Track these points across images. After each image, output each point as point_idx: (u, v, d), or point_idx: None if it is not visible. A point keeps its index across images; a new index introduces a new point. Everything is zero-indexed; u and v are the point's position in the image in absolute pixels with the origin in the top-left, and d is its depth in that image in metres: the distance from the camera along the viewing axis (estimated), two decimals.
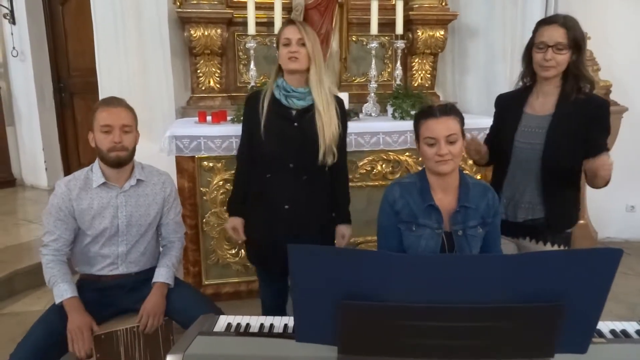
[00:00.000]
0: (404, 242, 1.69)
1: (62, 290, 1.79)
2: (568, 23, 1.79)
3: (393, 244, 1.70)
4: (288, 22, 2.01)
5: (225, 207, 2.78)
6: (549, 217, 1.89)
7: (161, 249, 2.07)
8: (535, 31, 1.86)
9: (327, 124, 1.94)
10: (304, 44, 1.91)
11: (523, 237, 1.98)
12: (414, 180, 1.71)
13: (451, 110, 1.63)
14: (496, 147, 2.00)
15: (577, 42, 1.79)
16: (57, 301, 1.78)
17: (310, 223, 2.03)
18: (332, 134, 1.95)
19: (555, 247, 1.93)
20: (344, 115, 2.06)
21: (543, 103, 1.89)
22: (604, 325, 1.41)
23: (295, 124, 1.96)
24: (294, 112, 1.97)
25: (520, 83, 1.98)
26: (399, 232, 1.69)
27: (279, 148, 1.96)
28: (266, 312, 2.24)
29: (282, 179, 1.98)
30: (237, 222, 2.10)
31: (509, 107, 1.98)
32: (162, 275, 1.94)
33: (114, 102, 1.88)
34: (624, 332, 1.38)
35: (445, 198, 1.67)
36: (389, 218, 1.70)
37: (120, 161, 1.86)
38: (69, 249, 1.90)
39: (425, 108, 1.70)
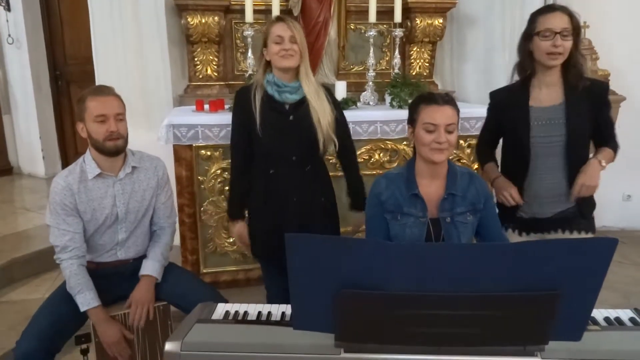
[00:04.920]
0: (390, 231, 1.70)
1: (89, 299, 1.78)
2: (568, 10, 1.79)
3: (379, 235, 1.72)
4: (277, 19, 2.01)
5: (222, 196, 2.79)
6: (580, 204, 1.89)
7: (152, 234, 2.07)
8: (532, 21, 1.83)
9: (321, 114, 1.96)
10: (295, 41, 1.91)
11: (554, 230, 1.95)
12: (401, 171, 1.73)
13: (452, 101, 1.64)
14: (510, 147, 1.98)
15: (577, 29, 1.80)
16: (83, 309, 1.78)
17: (317, 211, 2.06)
18: (328, 122, 1.97)
19: (583, 234, 1.94)
20: (335, 100, 2.08)
21: (548, 94, 1.87)
22: (598, 313, 1.42)
23: (291, 117, 1.97)
24: (287, 106, 1.98)
25: (516, 76, 1.94)
26: (385, 224, 1.71)
27: (279, 143, 1.96)
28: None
29: (287, 172, 1.99)
30: (240, 228, 2.09)
31: (510, 104, 1.93)
32: (148, 268, 1.94)
33: (104, 90, 1.85)
34: (618, 320, 1.39)
35: (432, 185, 1.68)
36: (375, 209, 1.72)
37: (118, 149, 1.85)
38: (85, 246, 1.87)
39: (426, 94, 1.70)
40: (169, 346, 1.22)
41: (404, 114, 2.88)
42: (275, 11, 2.91)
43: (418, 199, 1.66)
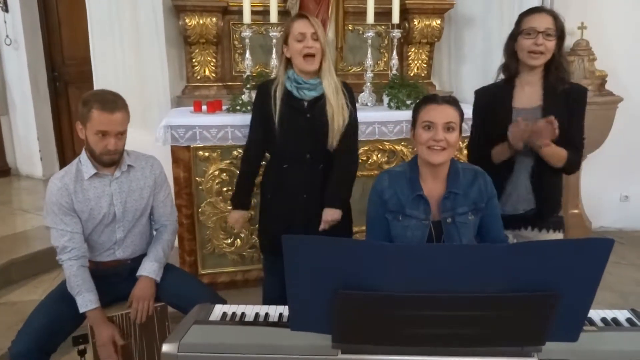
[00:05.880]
0: (391, 232, 1.68)
1: (87, 301, 1.78)
2: (554, 13, 1.84)
3: (380, 235, 1.70)
4: (299, 15, 2.02)
5: (221, 197, 2.79)
6: (540, 205, 1.92)
7: (154, 232, 2.08)
8: (519, 22, 1.88)
9: (337, 112, 1.96)
10: (317, 39, 1.91)
11: (525, 227, 1.99)
12: (403, 169, 1.70)
13: (453, 101, 1.64)
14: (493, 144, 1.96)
15: (562, 32, 1.83)
16: (82, 310, 1.78)
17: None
18: (340, 122, 1.97)
19: (552, 232, 1.96)
20: (353, 101, 2.08)
21: (529, 95, 1.90)
22: (595, 314, 1.42)
23: (308, 115, 1.98)
24: (305, 104, 1.99)
25: (502, 76, 1.97)
26: (386, 222, 1.68)
27: (294, 140, 1.98)
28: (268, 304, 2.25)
29: (299, 169, 2.01)
30: (240, 215, 2.14)
31: (494, 102, 1.95)
32: (147, 269, 1.93)
33: (111, 105, 1.78)
34: (615, 320, 1.40)
35: (435, 186, 1.65)
36: (377, 208, 1.69)
37: (113, 162, 1.87)
38: (85, 246, 1.86)
39: (428, 95, 1.72)
40: (166, 347, 1.22)
41: (402, 115, 2.94)
42: (273, 12, 2.90)
43: (422, 200, 1.63)
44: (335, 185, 2.07)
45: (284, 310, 1.45)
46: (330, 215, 2.06)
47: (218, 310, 1.44)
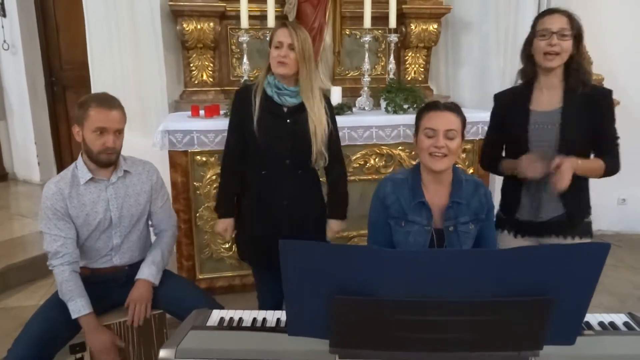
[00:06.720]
0: (393, 237, 1.69)
1: (79, 306, 1.77)
2: (568, 12, 1.80)
3: (382, 240, 1.71)
4: (281, 24, 2.01)
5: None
6: (569, 211, 1.88)
7: (153, 237, 2.08)
8: (533, 26, 1.84)
9: (319, 128, 1.96)
10: (293, 49, 1.91)
11: (549, 235, 1.93)
12: (406, 176, 1.72)
13: (455, 108, 1.66)
14: (511, 150, 1.94)
15: (579, 32, 1.80)
16: (74, 316, 1.76)
17: (309, 215, 2.06)
18: (322, 137, 1.97)
19: (584, 239, 1.92)
20: (333, 115, 2.08)
21: (549, 97, 1.86)
22: (592, 318, 1.42)
23: (288, 120, 1.97)
24: (285, 110, 1.98)
25: (520, 81, 1.94)
26: (388, 228, 1.70)
27: (273, 145, 1.97)
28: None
29: (279, 175, 1.99)
30: (228, 223, 2.10)
31: (512, 105, 1.92)
32: (145, 272, 1.92)
33: (109, 102, 1.81)
34: (612, 324, 1.40)
35: (437, 194, 1.67)
36: (379, 213, 1.71)
37: (111, 163, 1.86)
38: (77, 252, 1.86)
39: (430, 102, 1.73)
40: (163, 353, 1.22)
41: (399, 119, 2.94)
42: (271, 17, 2.92)
43: (424, 206, 1.65)
44: (336, 200, 2.14)
45: (282, 315, 1.44)
46: (338, 226, 2.15)
47: (215, 315, 1.44)
